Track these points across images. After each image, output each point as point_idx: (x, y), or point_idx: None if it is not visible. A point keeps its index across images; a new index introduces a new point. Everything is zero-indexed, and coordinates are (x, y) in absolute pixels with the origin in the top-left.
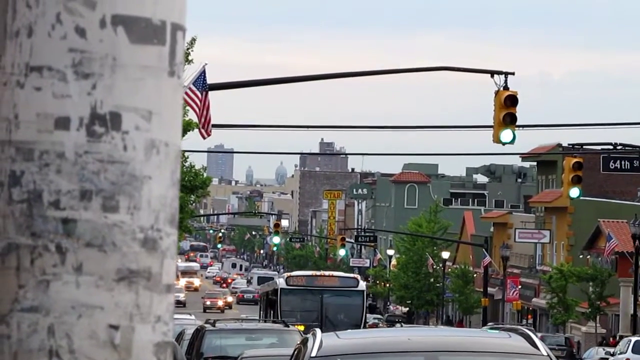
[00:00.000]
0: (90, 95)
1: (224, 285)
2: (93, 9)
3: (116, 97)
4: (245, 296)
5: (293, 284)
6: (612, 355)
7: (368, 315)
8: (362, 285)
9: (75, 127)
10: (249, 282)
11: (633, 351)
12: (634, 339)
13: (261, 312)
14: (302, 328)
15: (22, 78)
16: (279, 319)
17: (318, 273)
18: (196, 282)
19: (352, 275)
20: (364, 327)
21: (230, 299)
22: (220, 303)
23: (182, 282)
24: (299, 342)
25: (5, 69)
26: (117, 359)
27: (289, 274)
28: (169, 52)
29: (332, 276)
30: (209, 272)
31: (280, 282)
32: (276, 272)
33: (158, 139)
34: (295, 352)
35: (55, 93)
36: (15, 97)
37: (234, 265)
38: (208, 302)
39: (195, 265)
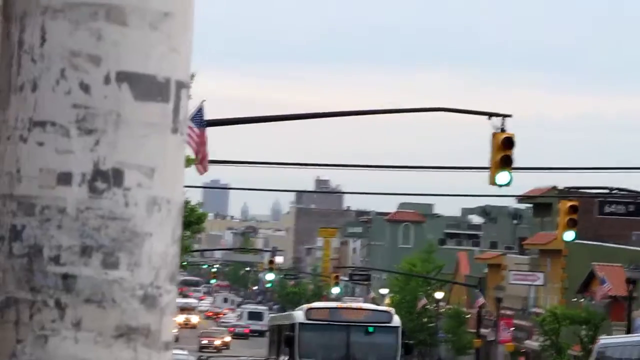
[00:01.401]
0: (93, 152)
1: (216, 319)
2: (98, 65)
3: (119, 153)
4: (236, 330)
5: (314, 318)
6: None
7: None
8: (397, 320)
9: (77, 183)
10: (239, 317)
11: None
12: None
13: (270, 350)
14: None
15: (26, 132)
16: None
17: (344, 305)
18: (194, 319)
19: (384, 308)
20: None
21: (227, 338)
22: (217, 342)
23: (180, 318)
24: None
25: (8, 123)
26: None
27: (309, 305)
28: (172, 109)
29: (362, 309)
30: (200, 305)
31: (299, 316)
32: (266, 308)
33: (160, 195)
34: None
35: (58, 149)
36: (18, 152)
37: (225, 300)
38: (205, 341)
39: (193, 301)
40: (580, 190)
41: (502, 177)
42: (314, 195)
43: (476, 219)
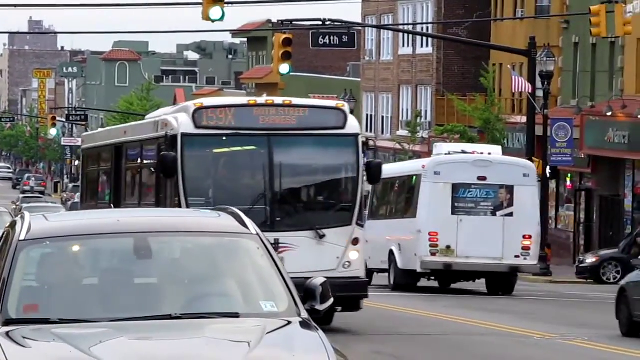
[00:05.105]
0: None
1: None
2: None
3: None
4: None
5: (209, 125)
6: None
7: None
8: (354, 124)
9: None
10: None
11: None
12: None
13: (90, 190)
14: None
15: None
16: (183, 198)
17: (260, 100)
18: None
19: (331, 102)
20: (361, 213)
21: None
22: None
23: None
24: (7, 226)
25: None
26: None
27: (199, 102)
28: None
29: (290, 106)
30: None
31: (182, 122)
32: None
33: None
34: (4, 236)
35: None
36: None
37: None
38: None
39: None
40: (293, 22)
41: (215, 12)
42: (27, 37)
43: (192, 55)
